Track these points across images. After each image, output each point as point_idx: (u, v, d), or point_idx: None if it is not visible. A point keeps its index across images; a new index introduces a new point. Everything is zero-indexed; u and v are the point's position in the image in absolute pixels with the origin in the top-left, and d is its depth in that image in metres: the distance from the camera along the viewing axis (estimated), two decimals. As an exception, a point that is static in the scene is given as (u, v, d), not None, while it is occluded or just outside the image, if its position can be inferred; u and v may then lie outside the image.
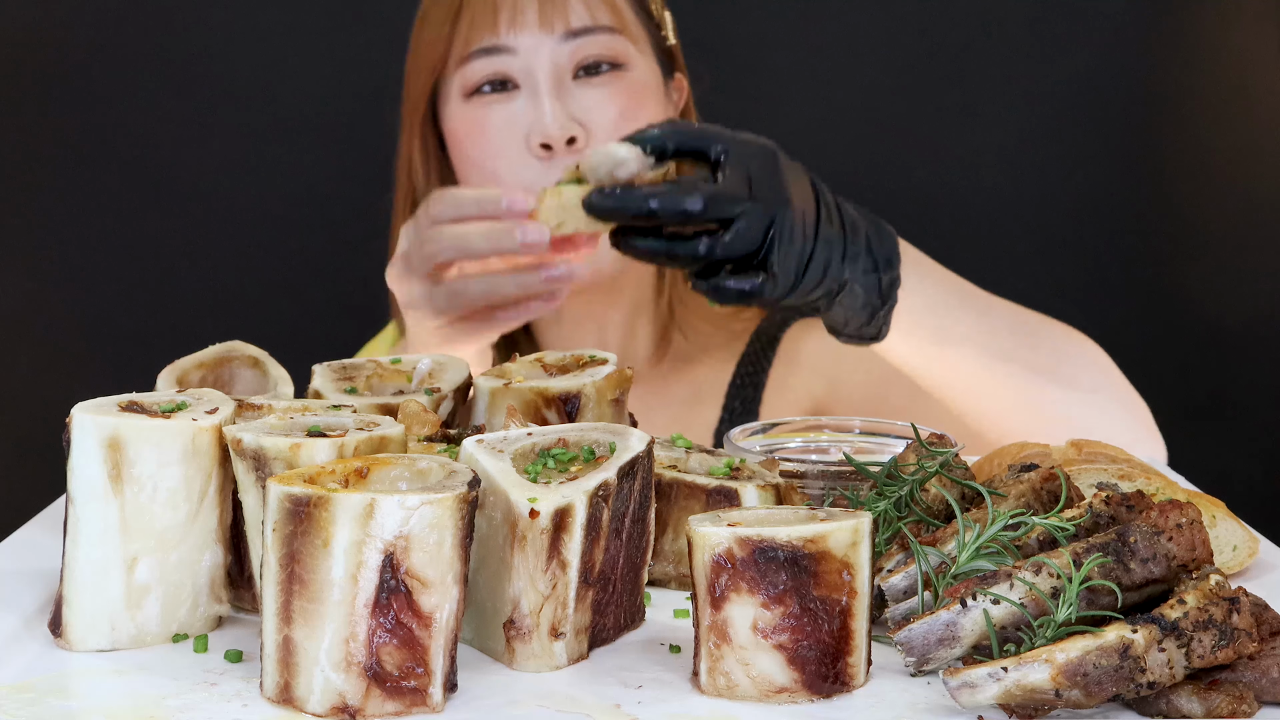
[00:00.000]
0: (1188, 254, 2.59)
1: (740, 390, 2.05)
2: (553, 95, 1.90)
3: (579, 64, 1.93)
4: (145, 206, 2.55)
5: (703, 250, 1.48)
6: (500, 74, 1.92)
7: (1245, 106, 2.58)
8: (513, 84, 1.92)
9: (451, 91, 1.94)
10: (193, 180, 2.55)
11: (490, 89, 1.92)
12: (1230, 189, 2.59)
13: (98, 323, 2.56)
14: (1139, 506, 1.14)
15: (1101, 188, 2.57)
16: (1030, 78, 2.55)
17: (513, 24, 1.91)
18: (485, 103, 1.92)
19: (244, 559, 1.21)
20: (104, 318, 2.56)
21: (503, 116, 1.92)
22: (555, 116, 1.89)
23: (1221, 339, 2.60)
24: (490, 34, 1.92)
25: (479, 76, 1.92)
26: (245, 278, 2.65)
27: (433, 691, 1.05)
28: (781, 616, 1.07)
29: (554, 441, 1.19)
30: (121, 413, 1.17)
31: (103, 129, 2.53)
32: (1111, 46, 2.56)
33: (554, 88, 1.91)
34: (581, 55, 1.93)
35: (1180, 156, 2.58)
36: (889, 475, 1.26)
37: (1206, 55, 2.57)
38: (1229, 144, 2.59)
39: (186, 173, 2.55)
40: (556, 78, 1.91)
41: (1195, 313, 2.59)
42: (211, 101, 2.53)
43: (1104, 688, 1.01)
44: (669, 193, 1.46)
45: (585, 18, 1.93)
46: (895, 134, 2.56)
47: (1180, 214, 2.59)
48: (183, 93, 2.53)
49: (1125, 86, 2.56)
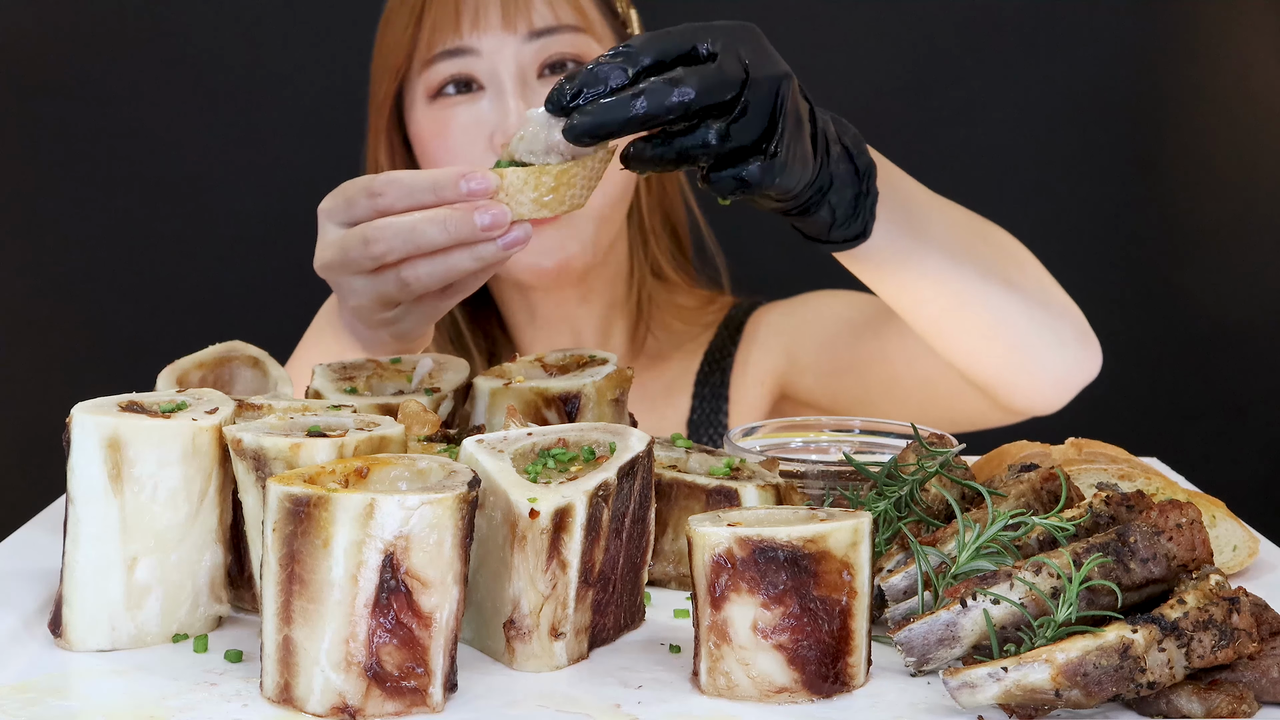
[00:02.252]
0: (1188, 254, 2.59)
1: (709, 377, 2.05)
2: (517, 95, 1.89)
3: (544, 63, 1.92)
4: (145, 206, 2.55)
5: (714, 139, 1.29)
6: (464, 75, 1.91)
7: (1245, 106, 2.58)
8: (477, 85, 1.91)
9: (416, 94, 1.94)
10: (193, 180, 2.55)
11: (454, 90, 1.92)
12: (1230, 189, 2.59)
13: (98, 323, 2.56)
14: (1139, 506, 1.14)
15: (1101, 188, 2.57)
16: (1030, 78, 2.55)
17: (475, 25, 1.90)
18: (449, 104, 1.92)
19: (244, 559, 1.21)
20: (104, 318, 2.56)
21: (467, 118, 1.91)
22: (519, 117, 1.88)
23: (1221, 339, 2.60)
24: (454, 35, 1.91)
25: (442, 78, 1.91)
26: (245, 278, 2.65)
27: (433, 691, 1.05)
28: (781, 616, 1.07)
29: (554, 441, 1.19)
30: (121, 413, 1.17)
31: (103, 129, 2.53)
32: (1112, 47, 2.56)
33: (518, 88, 1.90)
34: (546, 55, 1.92)
35: (1180, 156, 2.59)
36: (889, 475, 1.26)
37: (1206, 55, 2.57)
38: (1229, 144, 2.59)
39: (187, 173, 2.55)
40: (521, 78, 1.91)
41: (1195, 313, 2.59)
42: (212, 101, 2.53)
43: (1104, 688, 1.01)
44: (654, 89, 1.27)
45: (549, 17, 1.92)
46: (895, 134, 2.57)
47: (1180, 214, 2.59)
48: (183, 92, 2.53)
49: (1125, 86, 2.56)
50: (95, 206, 2.55)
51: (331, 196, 1.44)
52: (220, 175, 2.62)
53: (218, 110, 2.54)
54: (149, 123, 2.54)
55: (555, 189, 1.33)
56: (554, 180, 1.32)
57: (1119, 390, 2.59)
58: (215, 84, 2.53)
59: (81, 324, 2.57)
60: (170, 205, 2.56)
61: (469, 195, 1.35)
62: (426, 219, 1.36)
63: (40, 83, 2.53)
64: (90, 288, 2.57)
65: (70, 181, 2.54)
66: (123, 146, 2.54)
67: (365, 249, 1.39)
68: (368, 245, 1.39)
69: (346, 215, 1.42)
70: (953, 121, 2.56)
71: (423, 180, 1.37)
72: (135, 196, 2.55)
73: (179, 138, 2.54)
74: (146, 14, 2.54)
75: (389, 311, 1.46)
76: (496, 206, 1.34)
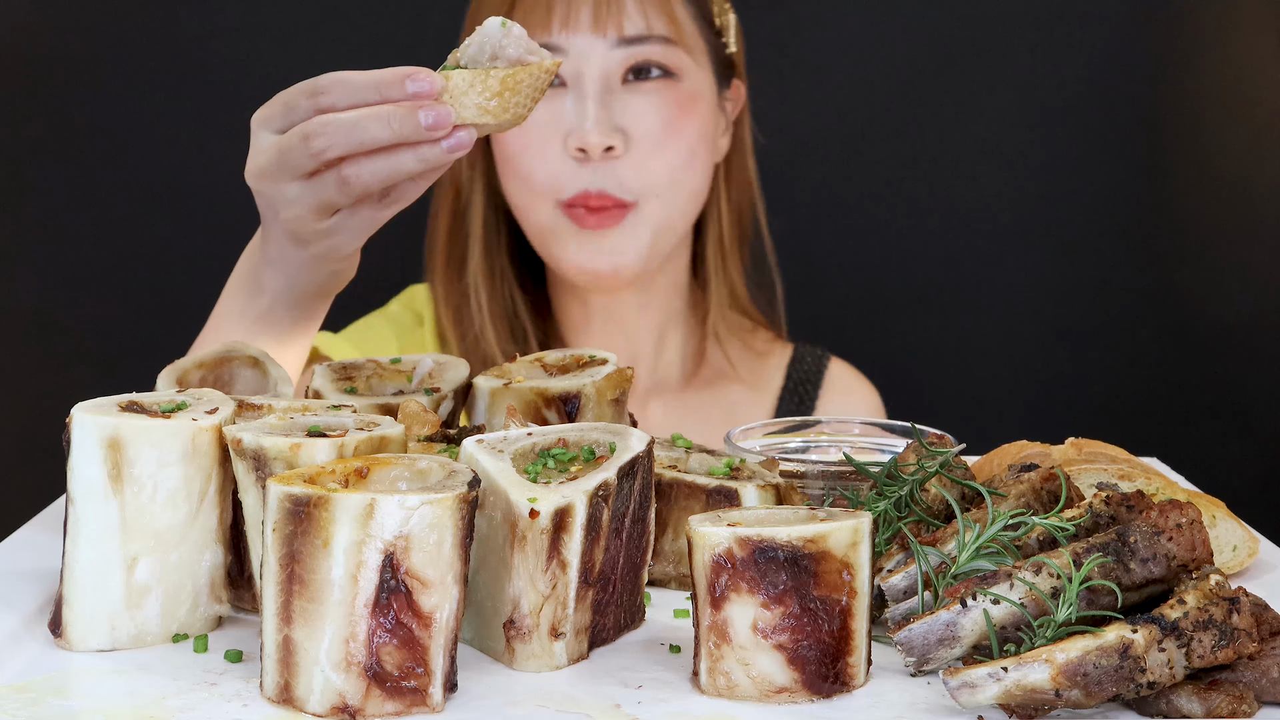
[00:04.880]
0: (1188, 254, 2.59)
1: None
2: (597, 100, 1.89)
3: (629, 69, 1.91)
4: (145, 206, 2.55)
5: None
6: None
7: (1245, 107, 2.58)
8: (559, 81, 1.90)
9: None
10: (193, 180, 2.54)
11: None
12: (1230, 189, 2.59)
13: (98, 323, 2.56)
14: (1139, 506, 1.14)
15: (1102, 188, 2.57)
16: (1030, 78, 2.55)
17: (566, 24, 1.90)
18: None
19: (244, 559, 1.21)
20: (104, 318, 2.56)
21: (546, 114, 1.91)
22: (597, 123, 1.88)
23: (1221, 339, 2.60)
24: (543, 31, 1.90)
25: None
26: (245, 278, 2.64)
27: (433, 691, 1.05)
28: (781, 616, 1.07)
29: (554, 441, 1.19)
30: (121, 413, 1.17)
31: (103, 129, 2.53)
32: (1112, 47, 2.56)
33: (600, 92, 1.89)
34: (632, 61, 1.91)
35: (1180, 156, 2.58)
36: (889, 475, 1.26)
37: (1206, 56, 2.57)
38: (1229, 144, 2.59)
39: (187, 173, 2.55)
40: (604, 83, 1.90)
41: (1195, 313, 2.59)
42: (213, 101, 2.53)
43: (1104, 688, 1.01)
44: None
45: (640, 25, 1.91)
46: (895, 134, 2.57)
47: (1180, 214, 2.59)
48: (184, 92, 2.53)
49: (1125, 87, 2.56)
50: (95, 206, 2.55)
51: (268, 105, 1.40)
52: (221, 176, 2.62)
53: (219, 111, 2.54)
54: (150, 123, 2.54)
55: (500, 94, 1.33)
56: (499, 84, 1.33)
57: (1119, 390, 2.60)
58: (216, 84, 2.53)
59: (81, 324, 2.57)
60: (171, 205, 2.56)
61: (413, 96, 1.32)
62: (369, 115, 1.33)
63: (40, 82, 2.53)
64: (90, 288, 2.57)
65: (70, 182, 2.54)
66: (123, 147, 2.54)
67: (305, 145, 1.35)
68: (308, 141, 1.35)
69: (285, 120, 1.38)
70: (953, 121, 2.56)
71: (367, 80, 1.34)
72: (135, 196, 2.55)
73: (180, 138, 2.54)
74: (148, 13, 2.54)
75: (325, 221, 1.41)
76: (441, 106, 1.32)
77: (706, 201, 2.04)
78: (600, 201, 1.92)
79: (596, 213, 1.92)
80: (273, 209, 1.43)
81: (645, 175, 1.93)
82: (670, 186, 1.95)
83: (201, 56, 2.54)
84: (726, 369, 2.08)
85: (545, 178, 1.92)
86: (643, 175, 1.93)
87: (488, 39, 1.34)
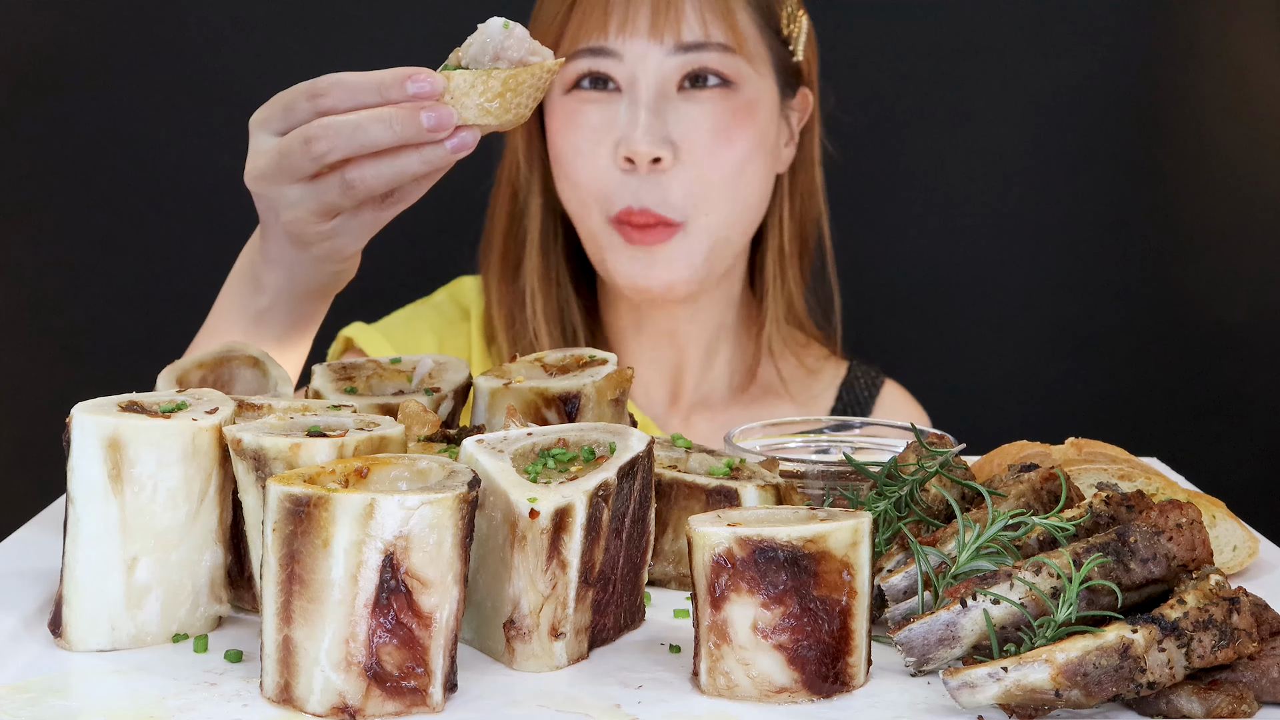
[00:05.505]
0: (1188, 254, 2.59)
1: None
2: (650, 109, 1.85)
3: (685, 75, 1.87)
4: (145, 206, 2.55)
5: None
6: (602, 73, 1.87)
7: (1245, 106, 2.58)
8: (614, 85, 1.87)
9: (556, 80, 1.88)
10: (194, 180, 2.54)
11: (590, 85, 1.87)
12: (1230, 189, 2.59)
13: (98, 323, 2.56)
14: (1139, 506, 1.14)
15: (1102, 188, 2.57)
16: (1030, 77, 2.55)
17: (623, 28, 1.85)
18: (582, 99, 1.88)
19: (244, 559, 1.21)
20: (104, 318, 2.56)
21: (598, 118, 1.88)
22: (648, 132, 1.84)
23: (1221, 339, 2.59)
24: (599, 34, 1.86)
25: (580, 72, 1.87)
26: (245, 278, 2.64)
27: (433, 691, 1.05)
28: (781, 616, 1.07)
29: (554, 441, 1.19)
30: (121, 413, 1.17)
31: (104, 129, 2.53)
32: (1111, 47, 2.56)
33: (654, 100, 1.85)
34: (689, 69, 1.87)
35: (1180, 156, 2.58)
36: (889, 475, 1.26)
37: (1206, 56, 2.57)
38: (1229, 144, 2.59)
39: (188, 173, 2.55)
40: (659, 91, 1.86)
41: (1195, 313, 2.59)
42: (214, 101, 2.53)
43: (1104, 688, 1.01)
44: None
45: (699, 32, 1.86)
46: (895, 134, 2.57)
47: (1180, 214, 2.59)
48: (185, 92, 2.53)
49: (1125, 86, 2.56)
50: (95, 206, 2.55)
51: (266, 106, 1.39)
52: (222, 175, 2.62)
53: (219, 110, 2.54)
54: (150, 123, 2.54)
55: (501, 94, 1.33)
56: (500, 85, 1.33)
57: (1119, 390, 2.60)
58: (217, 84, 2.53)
59: (81, 324, 2.57)
60: (171, 205, 2.56)
61: (414, 97, 1.32)
62: (371, 117, 1.32)
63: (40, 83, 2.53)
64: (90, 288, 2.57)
65: (70, 181, 2.54)
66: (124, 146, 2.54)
67: (306, 149, 1.34)
68: (309, 144, 1.34)
69: (284, 122, 1.37)
70: (952, 121, 2.56)
71: (367, 81, 1.33)
72: (135, 196, 2.55)
73: (180, 138, 2.54)
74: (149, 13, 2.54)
75: (326, 223, 1.41)
76: (442, 108, 1.32)
77: (767, 212, 1.98)
78: (644, 219, 1.87)
79: (642, 230, 1.87)
80: (273, 211, 1.43)
81: (693, 190, 1.87)
82: (720, 199, 1.89)
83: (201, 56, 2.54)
84: (776, 385, 2.03)
85: (593, 187, 1.88)
86: (690, 191, 1.87)
87: (490, 39, 1.33)
